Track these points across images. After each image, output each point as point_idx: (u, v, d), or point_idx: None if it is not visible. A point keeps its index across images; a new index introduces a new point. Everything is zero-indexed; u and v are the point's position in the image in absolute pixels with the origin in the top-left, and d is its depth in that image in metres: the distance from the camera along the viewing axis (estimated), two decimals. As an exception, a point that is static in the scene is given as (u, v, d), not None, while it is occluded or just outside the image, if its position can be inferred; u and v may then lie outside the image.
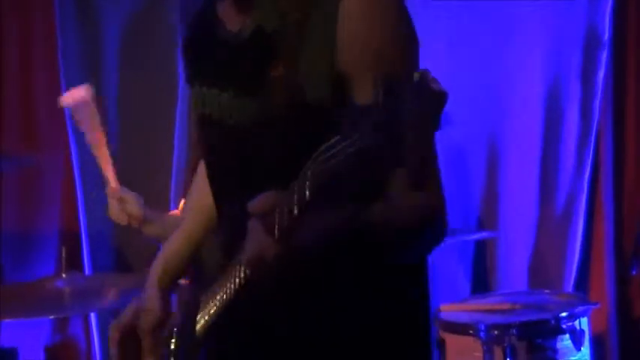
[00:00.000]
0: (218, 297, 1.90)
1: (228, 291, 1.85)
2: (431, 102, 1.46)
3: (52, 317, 4.35)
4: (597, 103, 4.19)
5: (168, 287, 2.23)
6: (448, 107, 1.55)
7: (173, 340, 2.17)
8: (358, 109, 1.52)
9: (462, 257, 4.23)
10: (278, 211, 1.61)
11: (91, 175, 4.31)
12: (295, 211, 1.58)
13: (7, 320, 3.83)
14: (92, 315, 4.48)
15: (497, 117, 4.34)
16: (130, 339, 2.17)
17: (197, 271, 2.29)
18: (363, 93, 1.77)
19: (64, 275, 3.52)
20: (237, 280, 1.80)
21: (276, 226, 1.62)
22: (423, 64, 1.88)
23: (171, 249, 2.32)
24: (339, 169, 1.50)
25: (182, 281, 2.45)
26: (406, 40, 1.87)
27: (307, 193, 1.54)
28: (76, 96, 3.52)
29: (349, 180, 1.55)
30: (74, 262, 4.45)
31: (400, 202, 1.77)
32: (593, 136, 4.20)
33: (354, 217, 1.75)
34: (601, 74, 4.17)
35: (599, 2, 4.22)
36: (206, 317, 1.97)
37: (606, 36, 4.18)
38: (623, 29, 4.21)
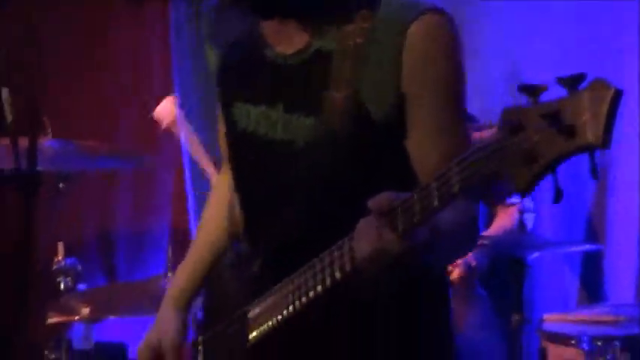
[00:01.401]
0: (307, 289, 1.91)
1: (325, 282, 1.87)
2: None
3: (152, 316, 4.32)
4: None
5: (184, 307, 2.30)
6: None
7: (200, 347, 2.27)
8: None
9: (569, 269, 4.23)
10: (401, 210, 1.68)
11: (201, 175, 4.42)
12: (427, 212, 1.67)
13: (116, 318, 3.96)
14: (198, 313, 4.54)
15: None
16: (156, 356, 2.27)
17: (214, 282, 2.33)
18: (421, 118, 1.95)
19: (169, 275, 3.61)
20: (340, 272, 1.83)
21: (401, 224, 1.68)
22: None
23: (186, 271, 2.34)
24: (465, 184, 1.61)
25: None
26: (462, 73, 1.99)
27: (448, 193, 1.63)
28: (163, 108, 3.67)
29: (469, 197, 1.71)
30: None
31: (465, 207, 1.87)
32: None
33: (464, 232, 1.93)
34: None
35: None
36: (292, 306, 1.95)
37: None
38: None
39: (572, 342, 3.54)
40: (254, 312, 2.03)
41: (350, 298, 1.92)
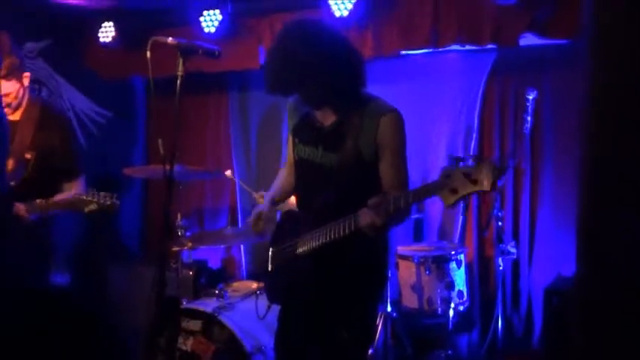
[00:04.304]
0: (329, 234, 1.89)
1: (339, 232, 1.86)
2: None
3: (222, 246, 4.37)
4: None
5: (271, 202, 2.28)
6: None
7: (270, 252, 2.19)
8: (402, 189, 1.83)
9: (408, 226, 4.01)
10: (383, 207, 1.73)
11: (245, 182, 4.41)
12: (395, 209, 1.73)
13: (203, 247, 3.93)
14: (242, 246, 4.53)
15: (424, 158, 4.00)
16: (258, 219, 2.24)
17: (284, 222, 2.25)
18: (385, 158, 1.93)
19: (228, 228, 3.68)
20: (347, 229, 1.83)
21: (383, 213, 1.73)
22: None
23: (272, 192, 2.32)
24: (417, 199, 1.72)
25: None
26: (405, 140, 1.97)
27: (408, 202, 1.71)
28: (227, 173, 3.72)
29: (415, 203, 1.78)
30: (235, 222, 4.57)
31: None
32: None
33: (406, 214, 1.93)
34: (472, 145, 3.90)
35: (471, 109, 3.87)
36: (320, 240, 1.93)
37: (475, 128, 3.90)
38: (485, 125, 3.87)
39: (409, 258, 3.50)
40: (301, 240, 2.01)
41: (345, 244, 1.89)
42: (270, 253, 2.20)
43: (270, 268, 2.19)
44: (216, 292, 3.22)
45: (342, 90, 1.93)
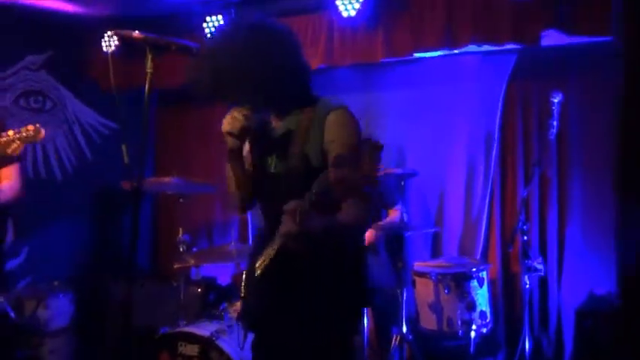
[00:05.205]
0: (270, 249, 1.77)
1: (274, 247, 1.73)
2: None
3: (227, 263, 4.14)
4: (492, 171, 3.74)
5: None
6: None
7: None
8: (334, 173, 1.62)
9: (424, 240, 3.90)
10: (298, 211, 1.61)
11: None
12: (306, 213, 1.59)
13: (210, 264, 3.77)
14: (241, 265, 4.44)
15: (442, 166, 3.78)
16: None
17: (255, 240, 2.14)
18: (332, 155, 1.78)
19: (232, 243, 3.46)
20: (277, 244, 1.72)
21: (298, 218, 1.61)
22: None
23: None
24: (325, 192, 1.57)
25: None
26: (357, 136, 1.81)
27: (313, 199, 1.59)
28: None
29: (328, 198, 1.59)
30: (245, 237, 4.39)
31: (354, 212, 1.73)
32: (490, 180, 3.72)
33: (333, 219, 1.72)
34: (494, 153, 3.74)
35: (492, 114, 3.74)
36: (264, 257, 1.82)
37: (496, 135, 3.73)
38: (507, 131, 3.73)
39: (427, 276, 3.34)
40: (259, 258, 1.84)
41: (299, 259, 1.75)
42: (244, 275, 2.05)
43: (243, 293, 2.03)
44: (217, 313, 3.03)
45: (285, 94, 1.83)
